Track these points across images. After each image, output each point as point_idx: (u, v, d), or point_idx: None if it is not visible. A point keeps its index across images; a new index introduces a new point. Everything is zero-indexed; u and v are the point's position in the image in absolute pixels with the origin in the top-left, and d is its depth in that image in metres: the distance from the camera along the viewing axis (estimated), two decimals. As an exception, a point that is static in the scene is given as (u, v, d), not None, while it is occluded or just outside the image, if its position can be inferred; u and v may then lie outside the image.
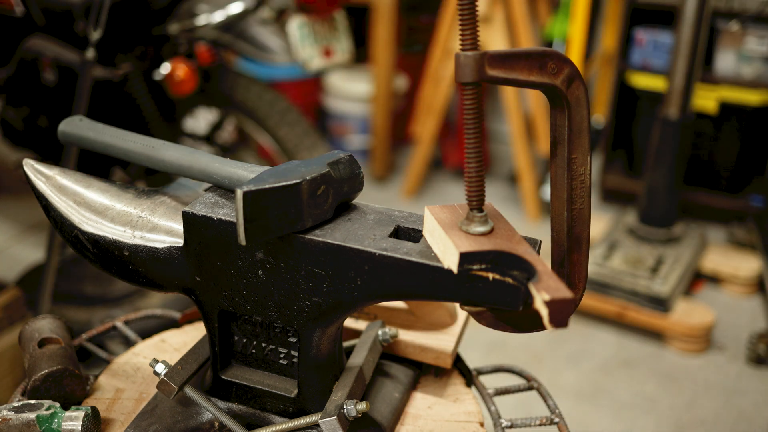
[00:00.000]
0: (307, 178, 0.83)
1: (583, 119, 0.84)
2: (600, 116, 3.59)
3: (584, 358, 2.63)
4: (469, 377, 1.13)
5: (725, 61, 3.23)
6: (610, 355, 2.65)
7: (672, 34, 3.19)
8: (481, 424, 1.03)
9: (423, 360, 1.11)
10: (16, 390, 1.02)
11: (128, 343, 1.21)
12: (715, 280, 3.06)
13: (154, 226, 0.94)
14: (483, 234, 0.79)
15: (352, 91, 3.89)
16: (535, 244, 0.84)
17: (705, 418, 2.35)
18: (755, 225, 3.20)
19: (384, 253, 0.81)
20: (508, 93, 3.37)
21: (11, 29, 2.31)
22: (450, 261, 0.78)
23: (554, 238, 0.90)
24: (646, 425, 2.32)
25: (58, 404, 0.94)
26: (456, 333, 1.12)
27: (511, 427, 1.04)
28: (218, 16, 2.24)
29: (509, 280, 0.77)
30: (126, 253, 0.93)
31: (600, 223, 3.22)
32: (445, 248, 0.79)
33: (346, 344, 1.05)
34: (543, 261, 0.77)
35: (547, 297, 0.71)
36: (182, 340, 1.18)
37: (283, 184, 0.82)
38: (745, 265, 3.01)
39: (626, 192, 3.56)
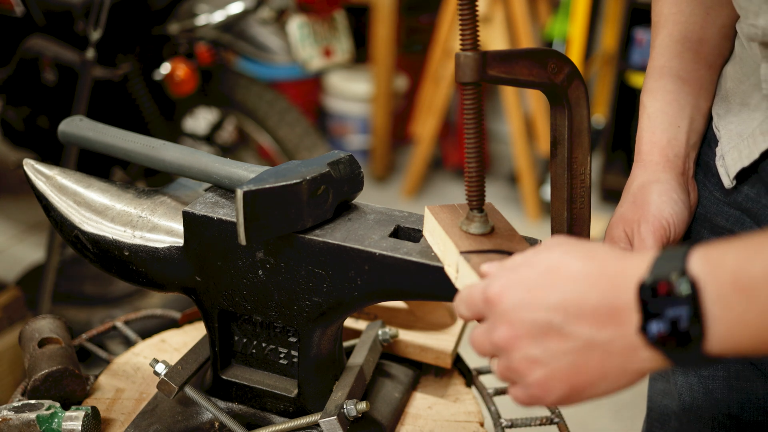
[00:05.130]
0: (307, 178, 0.83)
1: (583, 119, 0.84)
2: (600, 116, 3.59)
3: (584, 358, 2.62)
4: (469, 377, 1.13)
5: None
6: (610, 355, 2.64)
7: (672, 34, 3.18)
8: (481, 424, 1.03)
9: (423, 360, 1.11)
10: (16, 390, 1.02)
11: (128, 343, 1.20)
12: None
13: (154, 226, 0.94)
14: (483, 234, 0.79)
15: (352, 91, 3.89)
16: (535, 244, 0.84)
17: (705, 418, 2.34)
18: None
19: (384, 252, 0.81)
20: (508, 93, 3.37)
21: (11, 29, 2.31)
22: (450, 261, 0.78)
23: (554, 238, 0.90)
24: (646, 425, 2.32)
25: (58, 404, 0.94)
26: (456, 333, 1.12)
27: (511, 426, 1.04)
28: (218, 16, 2.24)
29: (509, 280, 0.77)
30: (126, 253, 0.93)
31: (600, 223, 3.22)
32: (445, 248, 0.78)
33: (346, 344, 1.05)
34: (543, 261, 0.77)
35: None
36: (182, 340, 1.18)
37: (283, 184, 0.82)
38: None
39: (626, 192, 3.55)
